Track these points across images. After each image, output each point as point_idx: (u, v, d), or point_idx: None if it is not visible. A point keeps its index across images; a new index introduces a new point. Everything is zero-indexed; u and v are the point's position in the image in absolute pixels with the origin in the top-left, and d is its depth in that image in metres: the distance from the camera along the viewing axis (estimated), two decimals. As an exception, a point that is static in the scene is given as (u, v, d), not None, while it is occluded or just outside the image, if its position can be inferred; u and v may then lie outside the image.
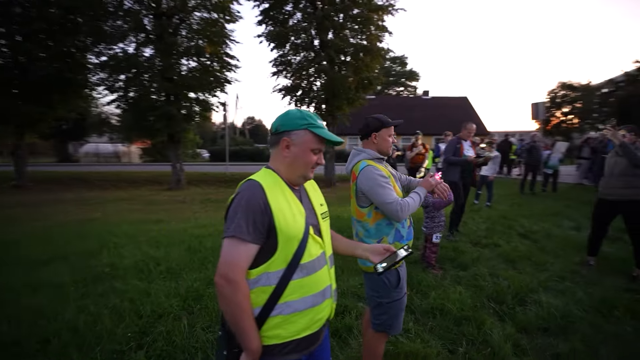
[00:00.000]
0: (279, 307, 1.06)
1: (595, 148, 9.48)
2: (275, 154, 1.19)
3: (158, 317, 2.58)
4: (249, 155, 25.53)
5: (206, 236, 4.87)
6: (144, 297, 2.88)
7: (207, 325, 2.45)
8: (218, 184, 12.67)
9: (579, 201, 7.33)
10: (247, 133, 55.54)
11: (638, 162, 3.04)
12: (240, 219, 1.01)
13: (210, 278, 3.31)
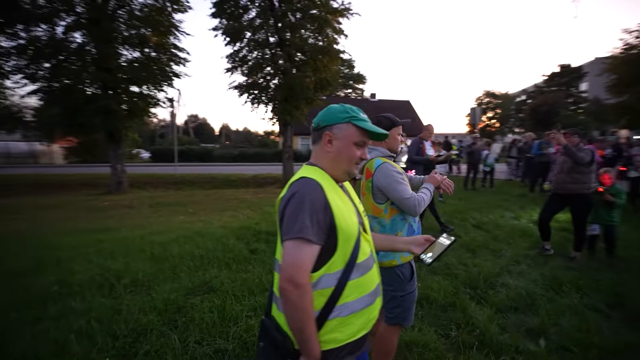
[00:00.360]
0: (337, 309, 1.03)
1: (521, 149, 10.92)
2: (318, 150, 1.16)
3: (137, 335, 2.30)
4: (197, 156, 24.04)
5: (170, 242, 4.46)
6: (114, 315, 2.54)
7: (199, 338, 2.25)
8: (166, 186, 11.69)
9: (512, 195, 8.38)
10: (191, 132, 52.22)
11: (580, 162, 3.58)
12: (305, 219, 0.96)
13: (189, 287, 3.06)
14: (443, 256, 1.21)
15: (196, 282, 3.20)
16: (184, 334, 2.31)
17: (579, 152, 3.64)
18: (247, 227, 5.32)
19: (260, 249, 4.20)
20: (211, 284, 3.16)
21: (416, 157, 5.16)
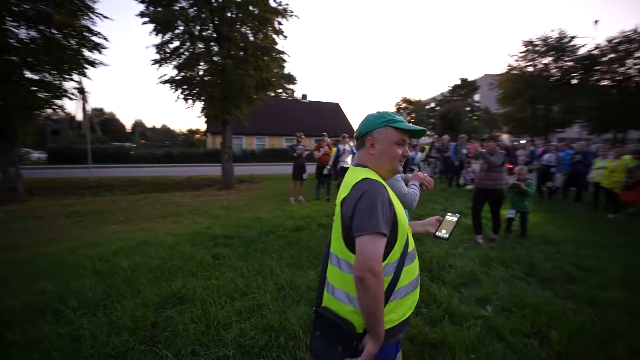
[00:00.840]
0: (394, 293, 1.18)
1: (439, 149, 12.60)
2: (363, 154, 1.29)
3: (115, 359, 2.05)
4: (110, 156, 21.00)
5: (112, 255, 3.94)
6: (72, 344, 2.20)
7: (192, 349, 2.13)
8: (79, 191, 9.98)
9: (436, 190, 9.64)
10: (97, 128, 45.02)
11: (493, 165, 4.43)
12: (378, 215, 1.08)
13: (156, 301, 2.82)
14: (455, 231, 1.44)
15: (163, 294, 2.94)
16: (171, 348, 2.15)
17: (492, 157, 4.49)
18: (200, 233, 5.02)
19: (223, 254, 4.04)
20: (181, 294, 2.96)
21: None
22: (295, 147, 7.61)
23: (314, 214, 6.33)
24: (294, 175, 7.72)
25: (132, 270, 3.48)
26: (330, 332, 1.20)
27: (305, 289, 3.09)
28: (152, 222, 5.96)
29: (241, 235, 4.85)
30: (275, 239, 4.72)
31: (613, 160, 6.68)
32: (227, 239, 4.70)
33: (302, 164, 7.65)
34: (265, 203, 7.78)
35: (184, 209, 7.14)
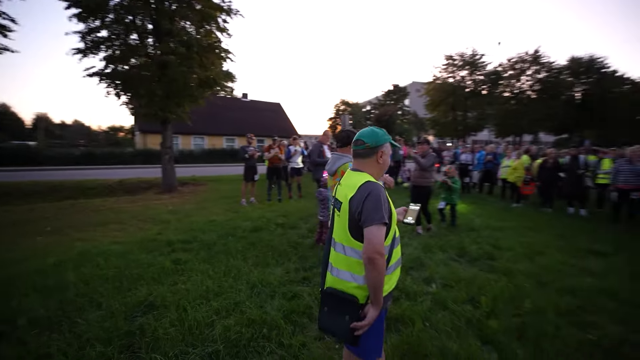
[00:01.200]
0: (387, 269, 1.50)
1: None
2: (370, 162, 1.59)
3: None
4: (10, 157, 17.72)
5: (56, 267, 3.57)
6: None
7: (180, 350, 2.17)
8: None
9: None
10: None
11: (423, 167, 5.16)
12: (382, 210, 1.39)
13: (123, 310, 2.72)
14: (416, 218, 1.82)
15: (129, 303, 2.84)
16: (156, 351, 2.16)
17: (423, 159, 5.24)
18: (151, 239, 4.77)
19: (184, 259, 3.95)
20: (149, 301, 2.88)
21: (318, 160, 5.92)
22: (247, 148, 7.60)
23: (269, 214, 6.45)
24: (246, 177, 7.70)
25: (85, 282, 3.24)
26: (338, 305, 1.46)
27: (277, 284, 3.27)
28: (88, 230, 5.41)
29: (198, 239, 4.77)
30: (236, 240, 4.75)
31: (515, 160, 8.20)
32: (184, 244, 4.58)
33: (254, 165, 7.68)
34: (215, 206, 7.60)
35: (125, 215, 6.59)
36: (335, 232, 1.55)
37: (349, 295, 1.45)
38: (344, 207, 1.48)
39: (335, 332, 1.47)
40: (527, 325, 2.58)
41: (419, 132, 40.09)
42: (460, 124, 24.12)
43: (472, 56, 23.00)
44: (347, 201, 1.47)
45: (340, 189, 1.57)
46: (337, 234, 1.53)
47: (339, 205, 1.54)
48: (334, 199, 1.66)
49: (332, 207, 1.67)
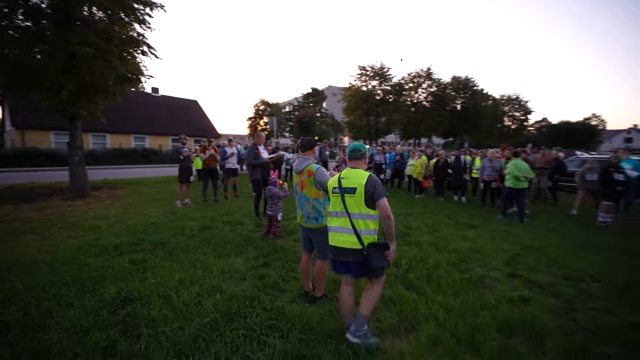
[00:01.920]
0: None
1: (295, 150, 14.66)
2: (362, 163, 2.52)
3: (107, 349, 2.24)
4: None
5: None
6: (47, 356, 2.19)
7: (179, 325, 2.55)
8: None
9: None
10: None
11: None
12: (382, 189, 2.28)
13: (99, 307, 2.87)
14: None
15: (105, 299, 2.97)
16: (157, 329, 2.49)
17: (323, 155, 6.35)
18: (91, 245, 4.59)
19: (140, 259, 4.05)
20: (123, 296, 3.05)
21: (254, 162, 6.29)
22: (181, 149, 7.56)
23: (211, 214, 6.65)
24: (181, 178, 7.64)
25: (40, 289, 3.14)
26: (376, 249, 2.27)
27: (243, 270, 3.77)
28: (5, 243, 4.77)
29: (146, 241, 4.79)
30: (188, 238, 4.95)
31: (417, 160, 10.16)
32: (133, 246, 4.58)
33: (189, 167, 7.67)
34: (147, 209, 7.31)
35: (38, 224, 5.86)
36: (350, 207, 2.36)
37: (377, 242, 2.28)
38: (359, 191, 2.33)
39: (377, 266, 2.31)
40: (431, 274, 3.74)
41: (337, 133, 43.08)
42: (373, 127, 27.37)
43: (380, 69, 26.34)
44: (362, 186, 2.32)
45: (349, 180, 2.40)
46: (352, 208, 2.36)
47: (352, 190, 2.37)
48: (341, 188, 2.43)
49: (338, 193, 2.43)
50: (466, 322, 2.71)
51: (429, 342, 2.43)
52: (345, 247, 2.40)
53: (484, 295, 3.27)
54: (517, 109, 40.32)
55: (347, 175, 2.44)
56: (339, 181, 2.46)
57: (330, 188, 2.55)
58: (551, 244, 5.09)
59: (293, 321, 2.64)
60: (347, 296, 2.56)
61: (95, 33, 7.85)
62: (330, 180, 2.60)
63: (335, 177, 2.52)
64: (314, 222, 3.05)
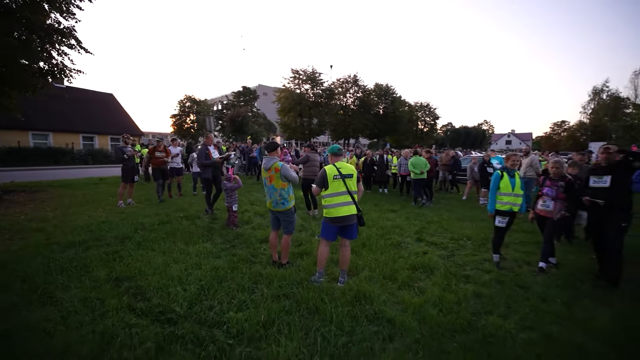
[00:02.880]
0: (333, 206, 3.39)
1: (243, 150, 15.10)
2: (341, 158, 3.52)
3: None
4: None
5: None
6: (67, 322, 2.67)
7: (183, 287, 3.21)
8: None
9: (249, 184, 12.01)
10: None
11: (298, 162, 7.30)
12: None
13: (98, 285, 3.32)
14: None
15: (99, 280, 3.39)
16: (164, 291, 3.12)
17: (299, 158, 7.39)
18: (45, 245, 4.58)
19: (112, 250, 4.36)
20: (114, 277, 3.50)
21: (206, 162, 6.79)
22: (124, 149, 7.54)
23: (162, 211, 6.91)
24: (124, 178, 7.59)
25: (27, 280, 3.36)
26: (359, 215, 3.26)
27: (216, 251, 4.46)
28: None
29: (109, 236, 5.00)
30: (150, 232, 5.30)
31: (349, 158, 11.69)
32: (97, 241, 4.78)
33: (133, 166, 7.67)
34: (87, 211, 7.08)
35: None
36: (350, 187, 3.40)
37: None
38: (355, 175, 3.41)
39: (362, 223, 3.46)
40: (364, 242, 5.00)
41: (269, 133, 43.45)
42: (307, 128, 28.85)
43: (312, 73, 27.95)
44: (355, 172, 3.40)
45: (345, 169, 3.44)
46: (351, 188, 3.39)
47: (350, 175, 3.43)
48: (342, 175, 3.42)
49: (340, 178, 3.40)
50: (388, 267, 4.00)
51: (366, 279, 3.61)
52: (350, 214, 3.42)
53: (400, 252, 4.65)
54: (428, 114, 46.70)
55: (341, 166, 3.45)
56: (338, 171, 3.43)
57: (331, 176, 3.46)
58: (445, 219, 6.94)
59: (271, 277, 3.54)
60: (325, 251, 3.55)
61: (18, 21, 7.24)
62: (330, 170, 3.49)
63: (333, 169, 3.47)
64: (281, 206, 3.97)
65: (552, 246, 4.26)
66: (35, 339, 2.38)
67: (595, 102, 52.64)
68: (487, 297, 3.35)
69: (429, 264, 4.15)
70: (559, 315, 3.00)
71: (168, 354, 2.28)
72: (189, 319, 2.71)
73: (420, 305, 3.06)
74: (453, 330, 2.70)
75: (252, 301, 3.04)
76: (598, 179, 3.93)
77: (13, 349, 2.26)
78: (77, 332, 2.47)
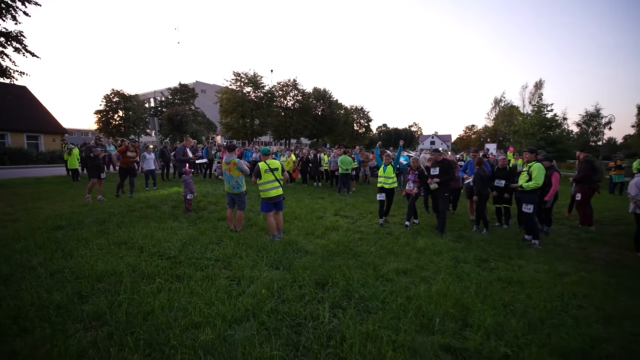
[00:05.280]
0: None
1: (172, 150, 15.92)
2: (270, 156, 5.28)
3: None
4: None
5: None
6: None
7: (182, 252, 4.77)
8: None
9: (200, 179, 13.10)
10: None
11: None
12: None
13: (100, 250, 4.70)
14: None
15: (102, 246, 4.73)
16: (159, 246, 4.63)
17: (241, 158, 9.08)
18: (30, 229, 5.58)
19: (96, 230, 5.56)
20: (112, 242, 4.85)
21: (183, 158, 8.35)
22: (93, 148, 8.31)
23: (124, 203, 7.94)
24: (92, 175, 8.31)
25: (44, 248, 4.52)
26: (282, 193, 5.00)
27: (185, 227, 5.96)
28: None
29: (86, 221, 6.08)
30: (123, 217, 6.48)
31: (287, 157, 13.58)
32: (75, 225, 5.82)
33: (100, 164, 8.46)
34: (45, 205, 7.71)
35: None
36: (277, 176, 5.29)
37: None
38: (280, 168, 5.31)
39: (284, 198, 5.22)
40: (297, 217, 6.96)
41: (209, 132, 42.97)
42: (249, 129, 29.91)
43: (254, 77, 29.12)
44: (280, 166, 5.28)
45: (273, 164, 5.28)
46: (278, 176, 5.25)
47: (277, 169, 5.32)
48: (271, 169, 5.21)
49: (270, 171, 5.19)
50: (310, 228, 6.02)
51: (295, 235, 5.56)
52: (278, 194, 5.24)
53: (322, 222, 6.72)
54: (362, 117, 51.12)
55: (270, 162, 5.25)
56: (268, 166, 5.21)
57: (263, 170, 5.22)
58: (360, 202, 9.30)
59: (231, 236, 5.27)
60: (272, 221, 5.35)
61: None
62: (262, 166, 5.24)
63: (264, 164, 5.22)
64: (237, 190, 5.69)
65: (414, 211, 6.76)
66: (84, 269, 3.76)
67: (496, 110, 63.17)
68: (367, 239, 5.58)
69: (337, 226, 6.30)
70: (404, 243, 5.33)
71: (179, 268, 3.90)
72: (182, 257, 4.33)
73: (326, 244, 5.12)
74: (341, 253, 4.80)
75: (221, 247, 4.76)
76: (434, 170, 6.50)
77: (81, 269, 3.64)
78: (111, 265, 3.91)
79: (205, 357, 2.30)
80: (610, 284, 3.94)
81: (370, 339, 2.58)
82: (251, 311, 2.95)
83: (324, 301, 3.20)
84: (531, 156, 5.72)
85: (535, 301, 3.33)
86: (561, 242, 5.93)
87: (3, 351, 2.29)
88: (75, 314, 2.82)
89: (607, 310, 3.23)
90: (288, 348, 2.48)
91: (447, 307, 3.11)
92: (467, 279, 3.89)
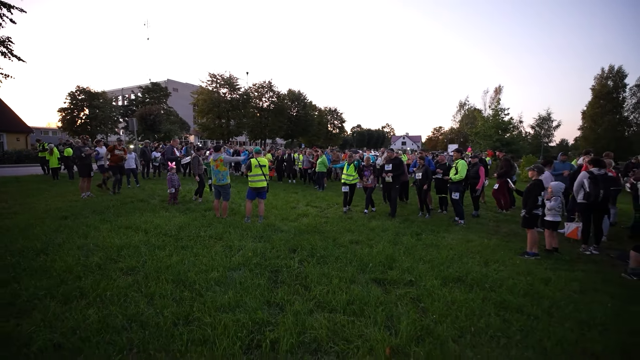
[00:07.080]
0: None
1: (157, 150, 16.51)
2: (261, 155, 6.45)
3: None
4: None
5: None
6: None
7: (196, 232, 5.81)
8: None
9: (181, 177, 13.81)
10: None
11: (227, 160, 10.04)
12: None
13: (112, 228, 5.67)
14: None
15: (108, 228, 5.67)
16: (163, 227, 5.66)
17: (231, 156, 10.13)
18: (34, 218, 6.37)
19: (99, 218, 6.45)
20: (118, 225, 5.80)
21: (171, 157, 9.22)
22: (82, 148, 8.97)
23: (114, 198, 8.73)
24: (83, 173, 8.95)
25: (60, 231, 5.39)
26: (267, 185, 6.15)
27: (177, 215, 6.97)
28: None
29: (87, 211, 6.91)
30: (119, 209, 7.35)
31: (264, 156, 14.67)
32: (79, 215, 6.67)
33: (89, 163, 9.12)
34: (38, 201, 8.31)
35: None
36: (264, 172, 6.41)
37: None
38: (267, 165, 6.58)
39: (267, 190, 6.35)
40: (274, 207, 8.15)
41: (182, 132, 42.68)
42: (225, 129, 30.43)
43: (229, 79, 29.70)
44: (267, 163, 6.44)
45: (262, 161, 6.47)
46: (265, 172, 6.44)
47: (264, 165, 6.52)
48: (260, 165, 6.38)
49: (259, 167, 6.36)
50: (287, 218, 7.24)
51: (272, 219, 6.77)
52: (263, 186, 6.39)
53: (295, 210, 7.96)
54: (336, 118, 52.85)
55: (260, 159, 6.39)
56: (258, 162, 6.36)
57: (254, 164, 6.36)
58: (329, 196, 10.63)
59: (219, 220, 6.37)
60: (250, 206, 6.50)
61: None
62: (253, 162, 6.37)
63: (255, 161, 6.36)
64: (222, 182, 6.79)
65: (371, 200, 8.19)
66: (105, 244, 4.73)
67: (460, 112, 67.36)
68: (331, 222, 6.89)
69: (307, 213, 7.58)
70: (360, 224, 6.69)
71: (182, 242, 4.97)
72: (182, 235, 5.40)
73: (298, 226, 6.37)
74: (310, 231, 6.06)
75: (211, 228, 5.87)
76: (388, 166, 7.95)
77: (95, 244, 4.60)
78: (127, 240, 4.90)
79: (216, 285, 3.48)
80: (499, 245, 5.53)
81: (324, 275, 3.87)
82: (243, 263, 4.15)
83: (294, 258, 4.45)
84: (458, 155, 7.32)
85: (442, 255, 4.79)
86: (482, 222, 7.59)
87: (75, 288, 3.32)
88: (113, 269, 3.87)
89: (487, 258, 4.76)
90: (270, 281, 3.71)
91: (381, 259, 4.48)
92: (401, 245, 5.31)
